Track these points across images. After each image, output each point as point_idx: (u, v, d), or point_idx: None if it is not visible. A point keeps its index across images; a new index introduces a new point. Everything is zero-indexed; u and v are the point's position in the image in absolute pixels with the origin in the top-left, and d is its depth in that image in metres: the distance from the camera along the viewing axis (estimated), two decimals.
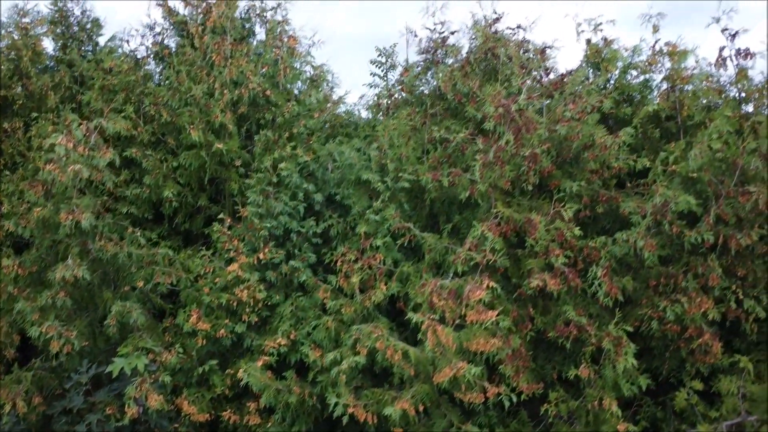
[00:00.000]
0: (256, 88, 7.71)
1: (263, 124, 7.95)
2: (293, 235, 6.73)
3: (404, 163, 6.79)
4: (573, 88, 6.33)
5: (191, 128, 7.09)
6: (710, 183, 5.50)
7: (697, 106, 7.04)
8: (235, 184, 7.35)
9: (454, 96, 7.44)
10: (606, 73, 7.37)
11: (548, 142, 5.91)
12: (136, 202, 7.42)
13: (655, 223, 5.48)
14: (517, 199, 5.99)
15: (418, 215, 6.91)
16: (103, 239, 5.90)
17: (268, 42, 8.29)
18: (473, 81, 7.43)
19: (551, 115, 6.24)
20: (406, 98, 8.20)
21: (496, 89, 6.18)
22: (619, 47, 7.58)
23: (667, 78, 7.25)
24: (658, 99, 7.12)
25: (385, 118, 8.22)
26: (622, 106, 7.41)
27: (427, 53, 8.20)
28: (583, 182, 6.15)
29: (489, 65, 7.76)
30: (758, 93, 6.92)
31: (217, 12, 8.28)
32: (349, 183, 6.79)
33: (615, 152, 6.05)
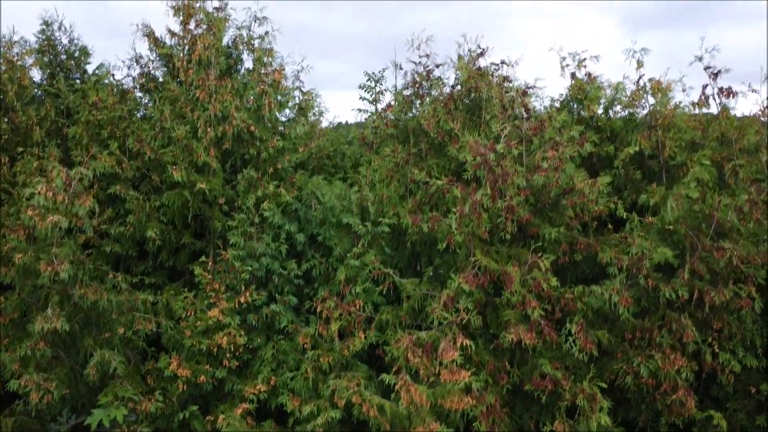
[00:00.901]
0: (240, 124, 7.72)
1: (248, 159, 7.97)
2: (275, 276, 6.77)
3: (386, 205, 6.82)
4: (553, 133, 6.33)
5: (174, 169, 7.10)
6: (686, 236, 5.52)
7: (678, 147, 7.07)
8: (219, 222, 7.37)
9: (437, 133, 7.46)
10: (589, 111, 7.40)
11: (527, 189, 5.92)
12: (120, 240, 7.45)
13: (632, 276, 5.50)
14: (495, 247, 6.00)
15: (400, 256, 6.94)
16: (84, 287, 5.93)
17: (253, 75, 8.29)
18: (456, 119, 7.47)
19: (530, 160, 6.25)
20: (390, 132, 8.22)
21: (475, 136, 6.18)
22: (603, 83, 7.66)
23: (650, 115, 7.28)
24: (640, 138, 7.12)
25: (370, 152, 8.24)
26: (605, 143, 7.44)
27: (412, 86, 8.22)
28: (562, 228, 6.18)
29: (473, 101, 7.79)
30: (739, 132, 6.93)
31: (202, 44, 8.28)
32: (330, 225, 6.82)
33: (594, 197, 6.06)
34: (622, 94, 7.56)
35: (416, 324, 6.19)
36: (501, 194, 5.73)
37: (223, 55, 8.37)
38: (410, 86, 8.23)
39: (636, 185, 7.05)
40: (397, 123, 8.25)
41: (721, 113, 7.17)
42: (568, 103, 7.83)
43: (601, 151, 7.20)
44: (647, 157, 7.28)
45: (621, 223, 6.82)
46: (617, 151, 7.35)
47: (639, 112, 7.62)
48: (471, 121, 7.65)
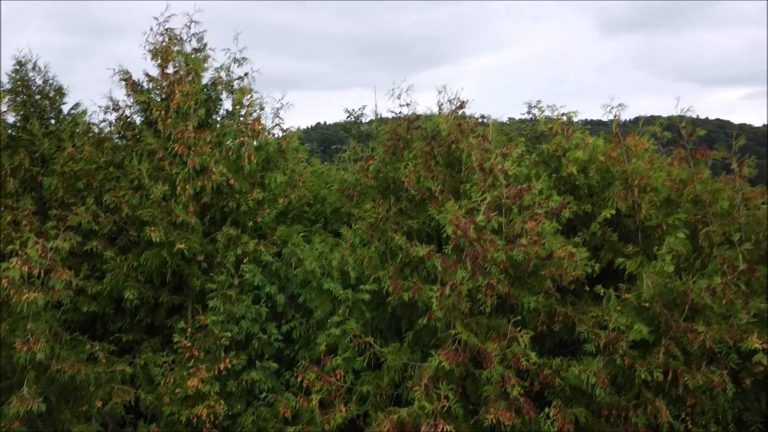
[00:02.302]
0: (219, 178, 7.67)
1: (227, 212, 7.93)
2: (255, 341, 6.75)
3: (366, 268, 6.84)
4: (531, 200, 6.40)
5: (152, 230, 7.03)
6: (662, 314, 5.63)
7: (654, 207, 7.21)
8: (197, 280, 7.33)
9: (417, 191, 7.50)
10: (566, 169, 7.48)
11: (506, 262, 5.99)
12: (97, 298, 7.37)
13: (608, 352, 5.60)
14: (475, 318, 6.06)
15: (380, 317, 6.97)
16: (60, 362, 5.85)
17: (232, 125, 8.23)
18: (436, 176, 7.51)
19: (510, 229, 6.31)
20: (371, 184, 8.24)
21: (455, 206, 6.23)
22: (582, 135, 7.76)
23: (627, 175, 7.39)
24: (616, 199, 7.23)
25: (350, 203, 8.25)
26: (582, 201, 7.55)
27: (392, 139, 8.25)
28: (540, 296, 6.27)
29: (452, 155, 7.85)
30: (712, 196, 7.08)
31: (180, 91, 8.20)
32: (311, 288, 6.81)
33: (573, 265, 6.15)
34: (598, 152, 7.67)
35: (397, 393, 6.23)
36: (481, 270, 5.78)
37: (203, 100, 8.28)
38: (391, 137, 8.28)
39: (612, 246, 7.16)
40: (378, 175, 8.29)
41: (695, 174, 7.32)
42: (546, 159, 7.93)
43: (578, 210, 7.31)
44: (623, 216, 7.41)
45: (598, 280, 6.95)
46: (594, 208, 7.47)
47: (616, 170, 7.74)
48: (451, 177, 7.71)
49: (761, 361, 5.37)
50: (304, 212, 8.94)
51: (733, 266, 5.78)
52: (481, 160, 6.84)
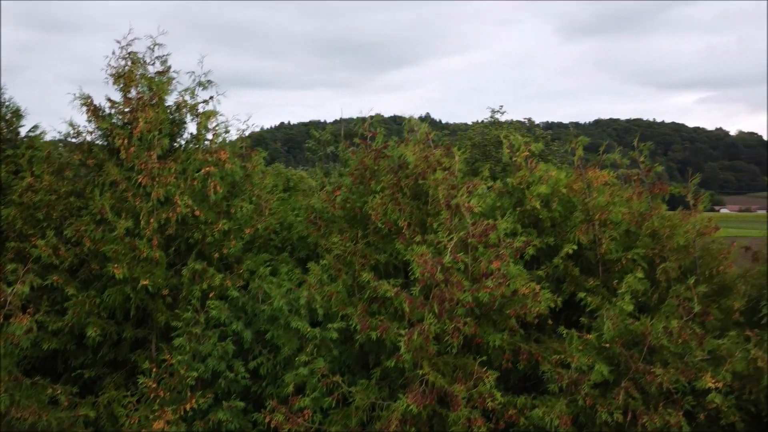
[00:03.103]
0: (184, 210, 7.59)
1: (192, 244, 7.84)
2: (221, 380, 6.71)
3: (334, 305, 6.87)
4: (496, 238, 6.53)
5: (115, 268, 6.92)
6: (621, 355, 5.81)
7: (615, 241, 7.42)
8: (162, 315, 7.24)
9: (384, 224, 7.55)
10: (530, 203, 7.64)
11: (473, 302, 6.09)
12: (58, 335, 7.20)
13: (571, 393, 5.75)
14: (442, 358, 6.15)
15: (348, 353, 7.00)
16: (21, 409, 5.72)
17: (197, 156, 8.14)
18: (403, 208, 7.58)
19: (476, 267, 6.43)
20: (339, 214, 8.26)
21: (422, 246, 6.31)
22: (544, 175, 7.93)
23: (588, 210, 7.59)
24: (578, 233, 7.41)
25: (317, 233, 8.26)
26: (547, 233, 7.72)
27: (359, 169, 8.28)
28: (505, 333, 6.40)
29: (420, 188, 7.92)
30: (670, 230, 7.33)
31: (144, 119, 8.08)
32: (279, 325, 6.80)
33: (536, 305, 6.29)
34: (561, 185, 7.86)
35: None
36: (448, 312, 5.88)
37: (167, 128, 8.17)
38: (358, 168, 8.32)
39: (574, 279, 7.35)
40: (345, 205, 8.32)
41: (653, 209, 7.56)
42: (510, 190, 8.08)
43: (541, 243, 7.47)
44: (584, 248, 7.60)
45: (561, 312, 7.14)
46: (557, 240, 7.65)
47: (577, 200, 7.94)
48: (418, 210, 7.78)
49: (715, 400, 5.60)
50: (270, 240, 8.90)
51: (689, 308, 6.00)
52: (447, 197, 6.93)
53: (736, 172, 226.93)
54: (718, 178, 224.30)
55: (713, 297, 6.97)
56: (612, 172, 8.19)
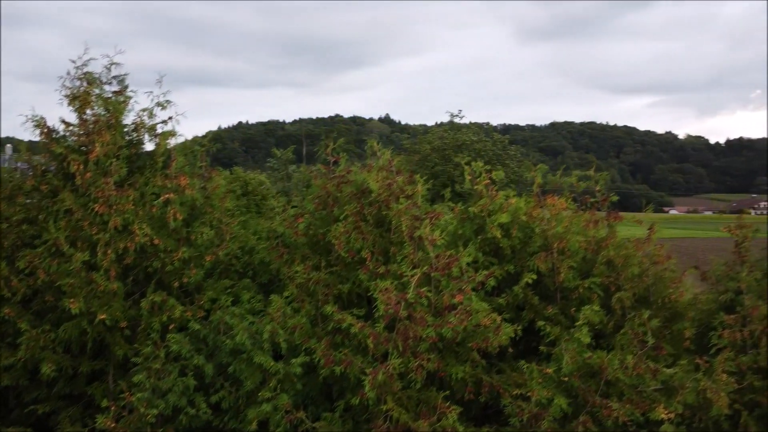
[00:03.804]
0: (142, 239, 7.44)
1: (151, 273, 7.69)
2: (182, 416, 6.61)
3: (297, 338, 6.85)
4: (458, 271, 6.62)
5: (71, 302, 6.74)
6: (579, 388, 5.98)
7: (572, 270, 7.61)
8: (120, 349, 7.09)
9: (347, 253, 7.56)
10: (491, 232, 7.77)
11: (436, 337, 6.17)
12: (10, 370, 6.98)
13: (532, 427, 5.89)
14: (406, 392, 6.20)
15: (312, 385, 6.99)
16: None
17: (156, 182, 7.99)
18: (366, 236, 7.61)
19: (439, 300, 6.50)
20: (302, 241, 8.23)
21: (386, 283, 6.35)
22: (504, 203, 8.08)
23: (547, 238, 7.77)
24: (537, 262, 7.58)
25: (279, 259, 8.21)
26: (507, 261, 7.87)
27: (322, 196, 8.27)
28: (467, 365, 6.51)
29: (384, 217, 7.96)
30: (624, 260, 7.56)
31: (101, 143, 7.90)
32: (241, 360, 6.74)
33: (497, 338, 6.41)
34: (521, 213, 8.02)
35: None
36: (412, 350, 5.94)
37: (125, 155, 7.99)
38: (321, 194, 8.30)
39: (534, 307, 7.51)
40: (308, 231, 8.29)
41: (609, 237, 7.79)
42: (471, 217, 8.20)
43: (501, 271, 7.61)
44: (543, 276, 7.78)
45: (522, 338, 7.29)
46: (517, 267, 7.81)
47: (536, 227, 8.11)
48: (381, 237, 7.82)
49: (667, 431, 5.81)
50: (231, 265, 8.80)
51: (643, 341, 6.22)
52: (411, 228, 6.99)
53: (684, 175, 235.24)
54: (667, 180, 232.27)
55: (665, 323, 7.24)
56: (568, 194, 8.40)
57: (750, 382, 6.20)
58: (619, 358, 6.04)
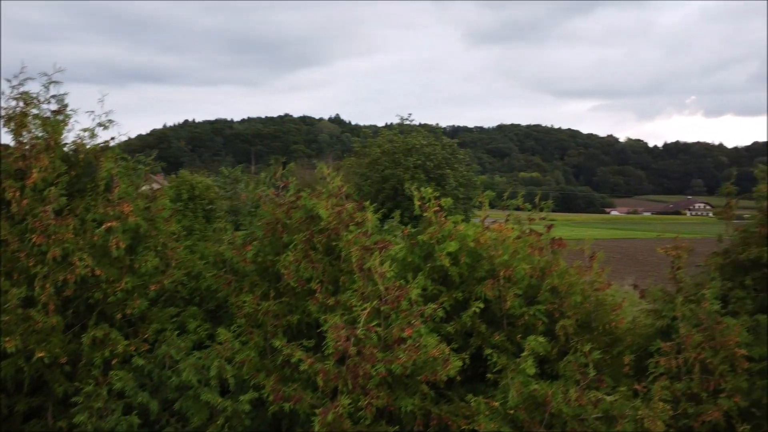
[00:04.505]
0: (83, 270, 7.20)
1: (92, 305, 7.45)
2: None
3: (245, 372, 6.77)
4: (407, 305, 6.68)
5: (6, 341, 6.46)
6: (525, 420, 6.13)
7: (518, 297, 7.79)
8: (60, 386, 6.84)
9: (296, 282, 7.52)
10: (440, 261, 7.87)
11: (385, 372, 6.21)
12: None
13: None
14: (356, 427, 6.22)
15: (260, 419, 6.93)
16: None
17: (98, 209, 7.74)
18: (316, 265, 7.59)
19: (388, 334, 6.55)
20: (250, 269, 8.13)
21: (336, 319, 6.35)
22: (453, 231, 8.20)
23: (494, 266, 7.92)
24: (485, 290, 7.72)
25: (228, 287, 8.09)
26: (456, 288, 7.99)
27: (271, 223, 8.20)
28: (416, 397, 6.58)
29: (332, 243, 7.95)
30: (568, 287, 7.78)
31: (38, 168, 7.60)
32: (188, 396, 6.62)
33: (445, 371, 6.50)
34: (469, 240, 8.15)
35: None
36: (361, 387, 5.96)
37: (64, 182, 7.71)
38: (270, 221, 8.23)
39: (481, 335, 7.65)
40: (256, 258, 8.20)
41: (552, 265, 8.01)
42: (421, 244, 8.28)
43: (450, 299, 7.72)
44: (490, 302, 7.93)
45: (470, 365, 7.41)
46: (465, 295, 7.93)
47: (484, 253, 8.26)
48: (330, 266, 7.81)
49: None
50: (177, 292, 8.61)
51: (585, 373, 6.42)
52: (360, 260, 7.01)
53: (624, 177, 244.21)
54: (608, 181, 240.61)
55: (607, 348, 7.50)
56: (514, 216, 8.60)
57: (684, 409, 6.49)
58: (562, 390, 6.21)
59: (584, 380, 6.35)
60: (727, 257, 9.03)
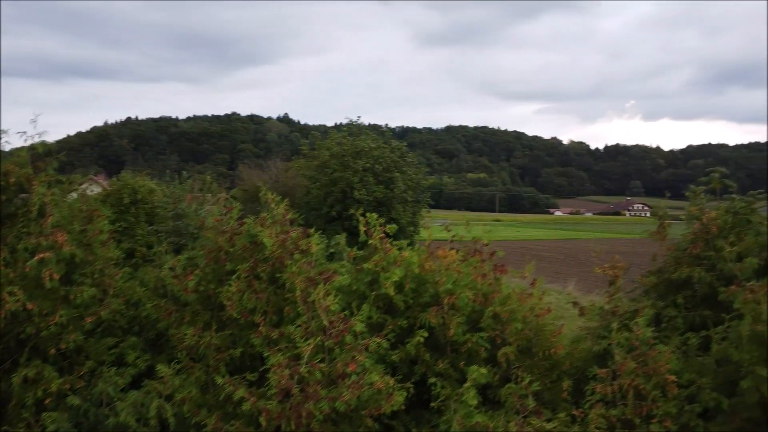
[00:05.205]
0: (14, 306, 6.90)
1: (24, 340, 7.16)
2: None
3: (186, 411, 6.64)
4: (351, 338, 6.69)
5: None
6: None
7: (461, 324, 7.90)
8: None
9: (240, 314, 7.41)
10: (384, 289, 7.91)
11: (329, 410, 6.20)
12: None
13: None
14: None
15: None
16: None
17: (29, 240, 7.44)
18: (260, 295, 7.50)
19: (333, 369, 6.53)
20: (192, 298, 7.97)
21: (279, 358, 6.30)
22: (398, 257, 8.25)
23: (437, 295, 8.02)
24: (429, 317, 7.80)
25: (168, 317, 7.91)
26: (401, 316, 8.03)
27: (213, 251, 8.05)
28: (361, 430, 6.59)
29: (276, 272, 7.87)
30: (510, 314, 7.95)
31: None
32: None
33: (389, 406, 6.54)
34: (414, 267, 8.22)
35: None
36: (305, 426, 5.93)
37: None
38: (213, 249, 8.08)
39: (425, 362, 7.73)
40: (198, 288, 8.04)
41: (495, 292, 8.16)
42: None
43: (394, 326, 7.77)
44: (434, 329, 8.01)
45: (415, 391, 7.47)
46: (410, 322, 7.99)
47: (429, 279, 8.35)
48: (275, 295, 7.74)
49: None
50: (115, 321, 8.35)
51: (524, 405, 6.58)
52: (305, 292, 6.97)
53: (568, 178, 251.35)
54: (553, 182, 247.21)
55: (546, 373, 7.70)
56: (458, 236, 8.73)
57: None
58: (503, 421, 6.34)
59: (524, 411, 6.50)
60: (661, 276, 9.43)
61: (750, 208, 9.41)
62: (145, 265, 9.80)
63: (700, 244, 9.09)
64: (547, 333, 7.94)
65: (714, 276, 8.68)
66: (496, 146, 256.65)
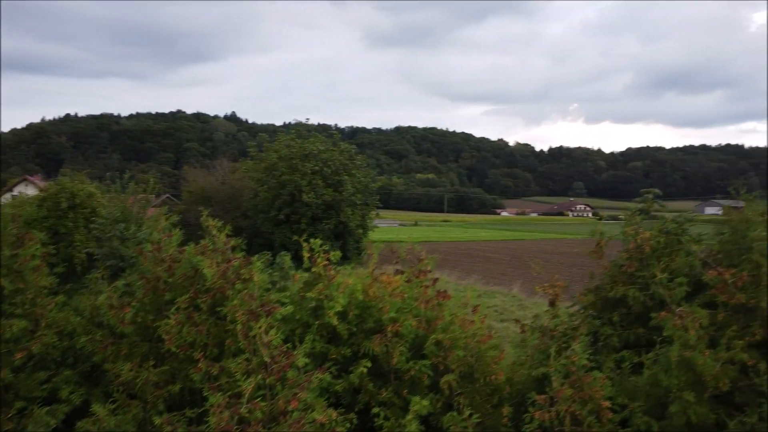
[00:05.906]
0: None
1: None
2: None
3: None
4: (294, 373, 6.65)
5: None
6: None
7: (404, 355, 7.96)
8: None
9: (179, 348, 7.26)
10: (327, 318, 7.89)
11: None
12: None
13: None
14: None
15: None
16: None
17: None
18: (201, 328, 7.37)
19: (274, 407, 6.47)
20: (130, 330, 7.74)
21: (219, 399, 6.19)
22: (342, 284, 8.24)
23: (381, 321, 8.06)
24: (372, 346, 7.83)
25: (105, 350, 7.66)
26: (344, 344, 8.03)
27: (152, 281, 7.86)
28: None
29: (218, 302, 7.74)
30: (452, 342, 8.06)
31: None
32: None
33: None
34: (358, 294, 8.23)
35: None
36: None
37: None
38: (151, 280, 7.88)
39: (369, 392, 7.76)
40: (135, 320, 7.82)
41: (437, 319, 8.26)
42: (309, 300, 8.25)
43: (338, 355, 7.77)
44: (378, 357, 8.05)
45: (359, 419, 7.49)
46: (353, 349, 8.00)
47: (373, 306, 8.37)
48: (215, 326, 7.60)
49: None
50: (48, 354, 8.03)
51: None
52: (246, 326, 6.88)
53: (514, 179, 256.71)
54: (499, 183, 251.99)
55: (487, 398, 7.84)
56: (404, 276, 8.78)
57: None
58: None
59: None
60: (598, 294, 9.74)
61: (681, 228, 9.82)
62: (80, 291, 9.45)
63: (634, 264, 9.41)
64: (488, 359, 8.09)
65: (647, 296, 9.02)
66: (444, 147, 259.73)
